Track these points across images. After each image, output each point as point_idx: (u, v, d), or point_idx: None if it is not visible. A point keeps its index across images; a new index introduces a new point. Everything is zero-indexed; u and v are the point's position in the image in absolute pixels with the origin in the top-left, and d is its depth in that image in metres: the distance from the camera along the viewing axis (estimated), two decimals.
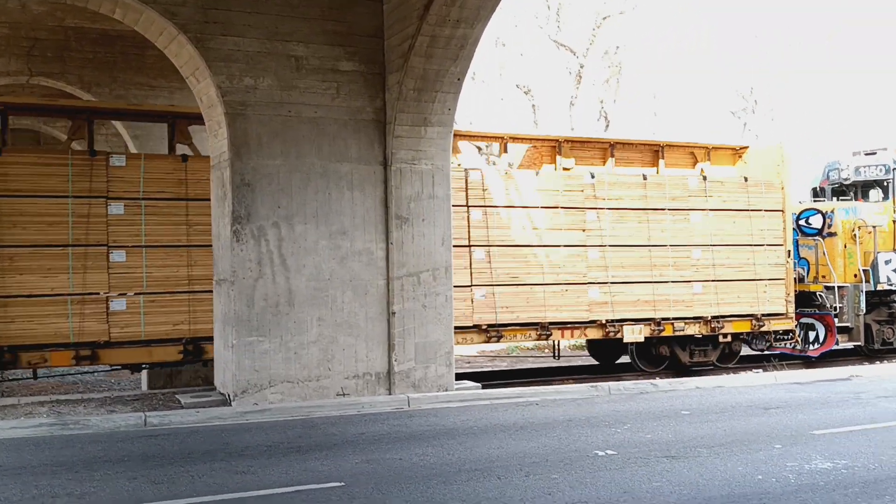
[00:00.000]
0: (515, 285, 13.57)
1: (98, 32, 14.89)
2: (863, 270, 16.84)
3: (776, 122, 35.55)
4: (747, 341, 16.19)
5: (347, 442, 8.72)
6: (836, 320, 16.36)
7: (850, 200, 18.12)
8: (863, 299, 16.60)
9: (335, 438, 8.93)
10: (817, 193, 18.91)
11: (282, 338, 10.83)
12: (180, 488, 6.91)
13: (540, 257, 13.76)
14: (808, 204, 18.04)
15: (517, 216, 13.66)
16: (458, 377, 12.22)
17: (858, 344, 17.05)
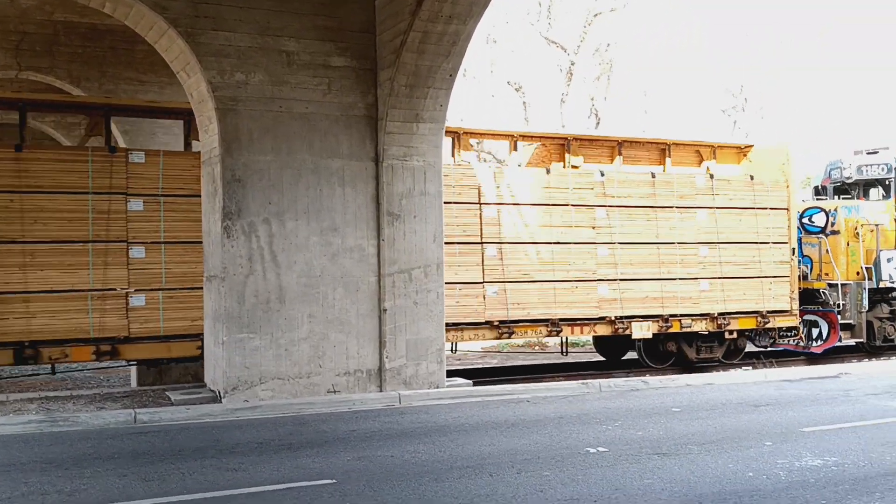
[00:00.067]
0: (527, 282, 13.71)
1: (87, 27, 14.80)
2: (865, 268, 17.05)
3: (766, 120, 35.68)
4: (751, 338, 16.34)
5: (339, 439, 8.70)
6: (839, 317, 16.56)
7: (852, 199, 18.33)
8: (865, 296, 16.84)
9: (326, 436, 8.91)
10: (819, 192, 19.14)
11: (272, 334, 10.79)
12: (171, 485, 6.87)
13: (551, 254, 13.89)
14: (812, 202, 18.22)
15: (529, 213, 13.78)
16: (449, 374, 12.22)
17: (860, 340, 17.25)
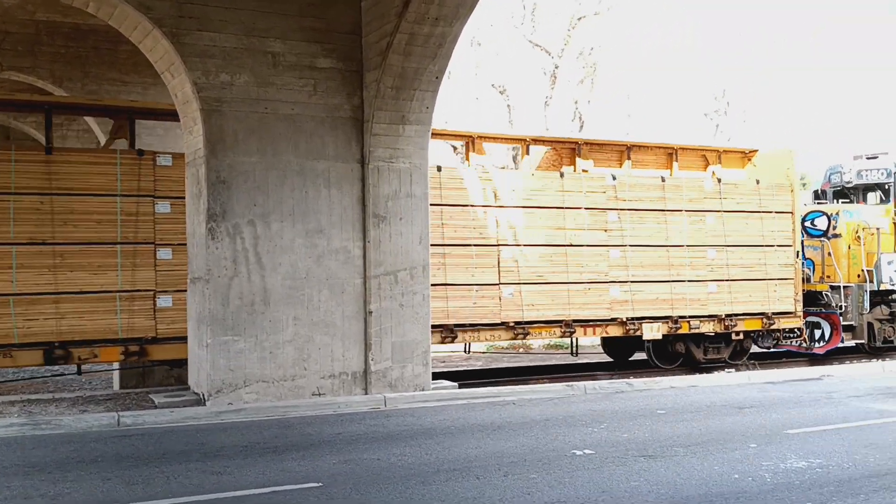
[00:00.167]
0: (541, 283, 13.94)
1: (70, 27, 14.67)
2: (866, 271, 17.35)
3: (748, 124, 35.90)
4: (755, 339, 16.59)
5: (324, 442, 8.66)
6: (841, 319, 16.86)
7: (852, 203, 18.66)
8: (867, 299, 17.16)
9: (312, 438, 8.87)
10: (818, 196, 19.48)
11: (257, 337, 10.74)
12: (155, 489, 6.81)
13: (564, 256, 14.11)
14: (814, 206, 18.49)
15: (543, 216, 13.99)
16: (435, 377, 12.19)
17: (861, 342, 17.57)
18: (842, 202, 18.82)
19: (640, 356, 17.06)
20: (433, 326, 12.80)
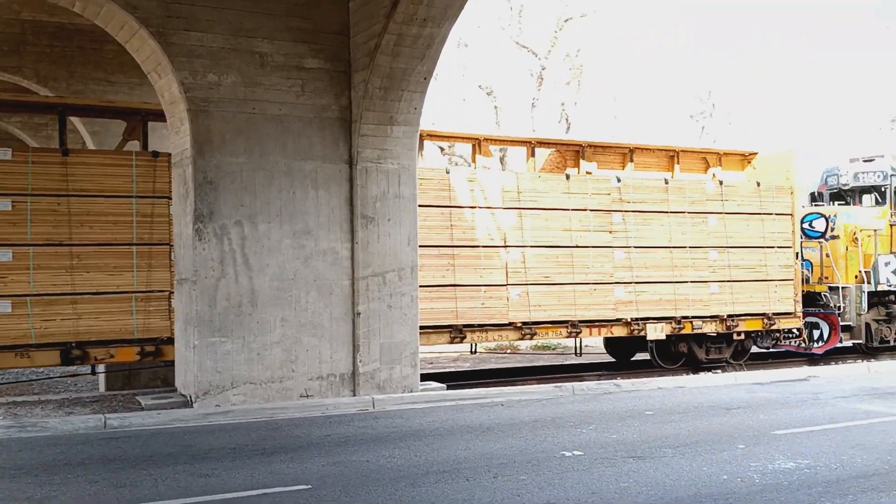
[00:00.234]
0: (548, 284, 14.04)
1: (55, 26, 14.55)
2: (864, 272, 17.58)
3: (733, 126, 36.08)
4: (755, 339, 16.77)
5: (313, 444, 8.63)
6: (840, 319, 17.07)
7: (848, 205, 18.90)
8: (865, 299, 17.36)
9: (300, 440, 8.83)
10: (815, 198, 19.74)
11: (244, 338, 10.69)
12: (143, 492, 6.76)
13: (570, 258, 14.25)
14: (812, 208, 18.70)
15: (549, 218, 14.13)
16: (423, 378, 12.16)
17: (860, 342, 17.77)
18: (837, 204, 19.07)
19: (642, 356, 17.22)
20: (442, 327, 13.10)
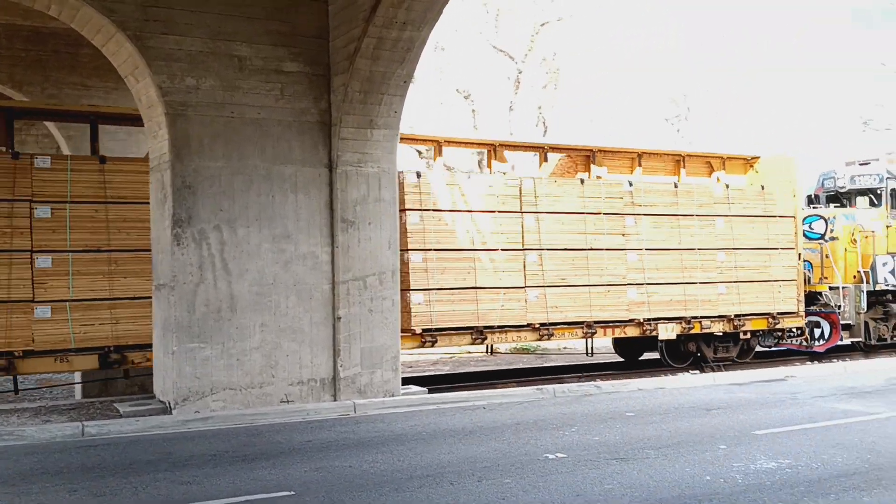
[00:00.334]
0: (564, 286, 14.29)
1: (29, 30, 14.39)
2: (863, 272, 17.96)
3: (709, 128, 36.34)
4: (759, 338, 17.07)
5: (294, 450, 8.57)
6: (840, 318, 17.43)
7: (845, 207, 19.27)
8: (864, 298, 17.74)
9: (281, 446, 8.77)
10: (812, 200, 20.12)
11: (224, 344, 10.60)
12: (123, 500, 6.69)
13: (585, 260, 14.54)
14: (811, 210, 19.06)
15: (565, 221, 14.41)
16: (404, 382, 12.12)
17: (859, 340, 18.12)
18: (833, 206, 19.49)
19: (649, 356, 17.60)
20: (463, 328, 13.31)
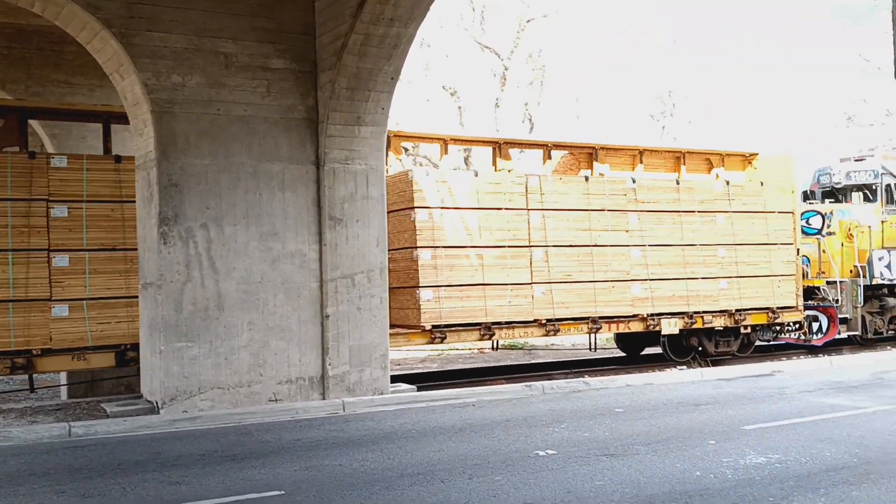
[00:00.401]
0: (570, 282, 14.42)
1: (13, 27, 14.22)
2: (859, 266, 18.20)
3: (692, 125, 36.46)
4: (759, 333, 17.28)
5: (284, 449, 8.52)
6: (838, 312, 17.67)
7: (841, 203, 19.54)
8: (860, 293, 18.02)
9: (271, 445, 8.72)
10: (807, 196, 20.37)
11: (211, 343, 10.54)
12: (112, 501, 6.63)
13: (590, 256, 14.66)
14: (807, 206, 19.23)
15: (570, 218, 14.53)
16: (392, 380, 12.09)
17: (856, 333, 18.39)
18: (829, 202, 19.71)
19: (650, 351, 17.76)
20: (472, 325, 13.40)
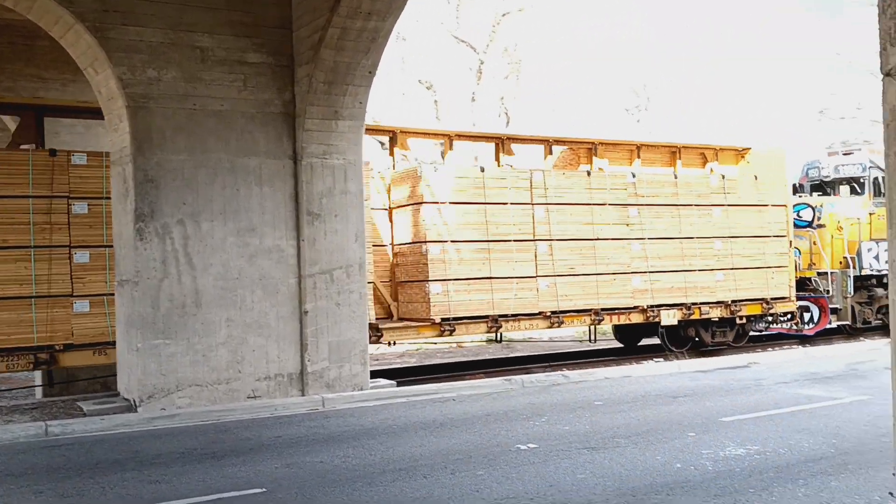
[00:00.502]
0: (573, 275, 14.71)
1: None
2: (849, 258, 18.52)
3: (668, 118, 36.66)
4: (753, 323, 17.59)
5: (264, 446, 8.47)
6: (828, 302, 18.02)
7: (829, 196, 19.82)
8: (850, 283, 18.37)
9: (251, 443, 8.66)
10: (796, 189, 20.64)
11: (189, 340, 10.45)
12: (90, 501, 6.56)
13: (593, 249, 14.97)
14: (798, 199, 19.49)
15: (573, 212, 14.79)
16: (372, 375, 12.06)
17: (846, 323, 18.74)
18: (817, 195, 20.03)
19: (647, 342, 18.08)
20: (479, 317, 13.63)
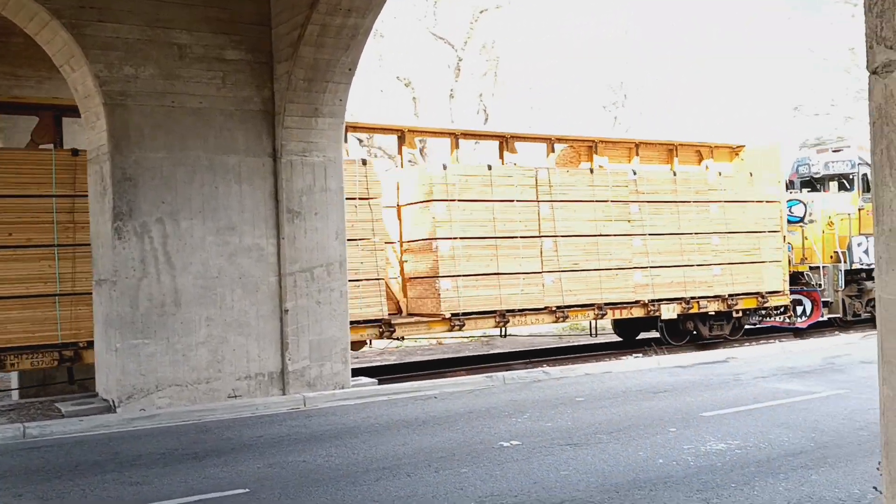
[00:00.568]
0: (577, 271, 14.97)
1: None
2: (840, 252, 18.83)
3: (643, 116, 36.81)
4: (747, 316, 17.86)
5: (245, 446, 8.42)
6: (821, 296, 18.32)
7: (819, 192, 20.12)
8: (842, 277, 18.66)
9: (232, 443, 8.61)
10: (787, 186, 20.97)
11: (168, 339, 10.37)
12: (71, 503, 6.49)
13: (596, 245, 15.22)
14: (790, 195, 19.73)
15: (577, 209, 15.03)
16: (352, 373, 12.03)
17: (837, 316, 19.05)
18: (806, 191, 20.32)
19: (645, 335, 18.35)
20: (487, 312, 13.83)
